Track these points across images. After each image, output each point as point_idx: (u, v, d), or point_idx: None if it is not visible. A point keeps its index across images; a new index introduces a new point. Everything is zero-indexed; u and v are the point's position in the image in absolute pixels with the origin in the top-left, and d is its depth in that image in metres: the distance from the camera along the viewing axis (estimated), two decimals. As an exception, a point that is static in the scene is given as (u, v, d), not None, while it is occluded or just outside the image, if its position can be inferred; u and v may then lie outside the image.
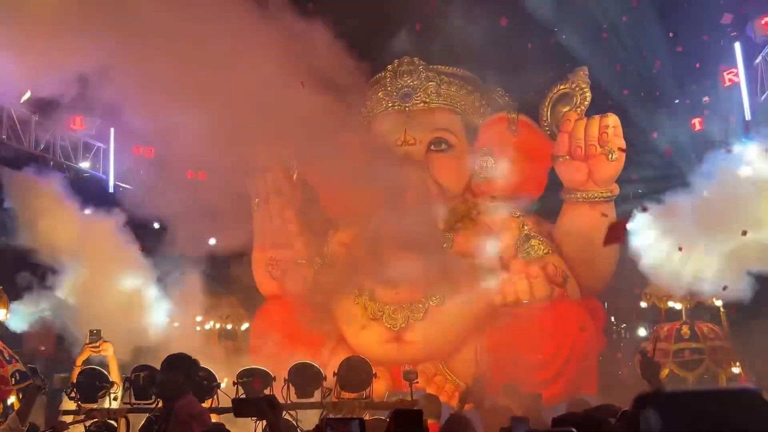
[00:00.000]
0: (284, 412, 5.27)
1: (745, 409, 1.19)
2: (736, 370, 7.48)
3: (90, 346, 5.71)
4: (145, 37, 6.49)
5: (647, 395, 1.29)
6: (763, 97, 7.65)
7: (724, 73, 7.99)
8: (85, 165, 9.37)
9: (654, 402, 1.25)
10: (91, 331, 5.77)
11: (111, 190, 9.45)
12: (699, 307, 7.82)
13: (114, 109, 7.69)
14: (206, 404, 5.19)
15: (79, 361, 5.69)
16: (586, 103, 8.15)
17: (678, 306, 7.84)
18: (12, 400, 5.57)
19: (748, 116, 7.64)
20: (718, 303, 7.84)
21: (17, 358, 5.86)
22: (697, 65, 8.55)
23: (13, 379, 5.56)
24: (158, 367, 3.95)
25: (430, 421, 5.86)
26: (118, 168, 9.63)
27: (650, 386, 3.61)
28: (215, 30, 6.80)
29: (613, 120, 7.85)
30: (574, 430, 2.02)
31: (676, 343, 7.59)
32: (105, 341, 5.75)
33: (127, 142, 9.18)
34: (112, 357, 5.79)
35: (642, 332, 9.99)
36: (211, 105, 6.88)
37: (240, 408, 3.35)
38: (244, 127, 7.24)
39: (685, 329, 7.58)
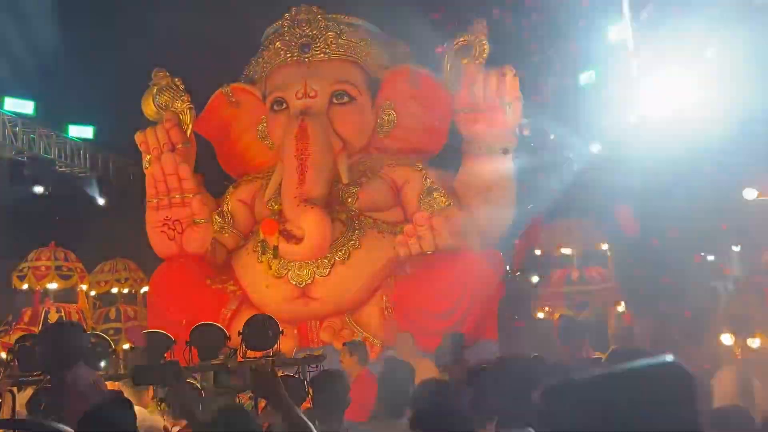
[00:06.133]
0: (188, 376, 5.09)
1: (665, 387, 1.06)
2: (620, 308, 8.06)
3: None
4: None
5: (557, 387, 1.10)
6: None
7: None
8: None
9: (565, 394, 1.08)
10: None
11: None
12: (588, 253, 8.31)
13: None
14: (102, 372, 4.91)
15: None
16: (485, 55, 8.17)
17: (569, 252, 8.30)
18: None
19: (635, 73, 8.03)
20: (605, 247, 8.38)
21: None
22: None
23: None
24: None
25: (359, 367, 5.95)
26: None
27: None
28: None
29: (510, 72, 7.98)
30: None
31: (567, 286, 8.07)
32: None
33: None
34: None
35: (535, 279, 10.56)
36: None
37: (141, 375, 3.16)
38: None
39: (575, 273, 8.07)
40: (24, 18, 9.94)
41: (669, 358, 1.09)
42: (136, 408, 3.03)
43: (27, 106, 10.85)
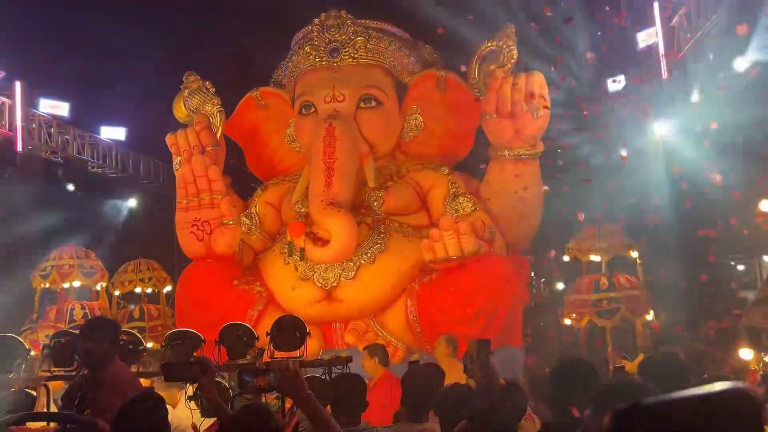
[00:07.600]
0: (216, 374, 5.17)
1: (735, 414, 1.05)
2: (649, 317, 7.97)
3: None
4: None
5: (627, 410, 1.08)
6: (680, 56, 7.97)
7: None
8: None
9: (636, 419, 1.06)
10: None
11: (20, 148, 8.82)
12: (617, 259, 8.24)
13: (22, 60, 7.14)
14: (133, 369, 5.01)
15: None
16: (513, 60, 8.17)
17: (598, 258, 8.23)
18: None
19: (664, 76, 7.95)
20: (634, 255, 8.30)
21: None
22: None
23: None
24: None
25: (381, 369, 6.02)
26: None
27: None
28: None
29: (538, 78, 7.95)
30: None
31: (595, 293, 8.00)
32: None
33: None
34: None
35: (560, 286, 10.50)
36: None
37: (170, 372, 3.24)
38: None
39: (604, 280, 8.00)
40: (59, 23, 10.20)
41: (737, 383, 1.09)
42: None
43: (62, 108, 11.12)
